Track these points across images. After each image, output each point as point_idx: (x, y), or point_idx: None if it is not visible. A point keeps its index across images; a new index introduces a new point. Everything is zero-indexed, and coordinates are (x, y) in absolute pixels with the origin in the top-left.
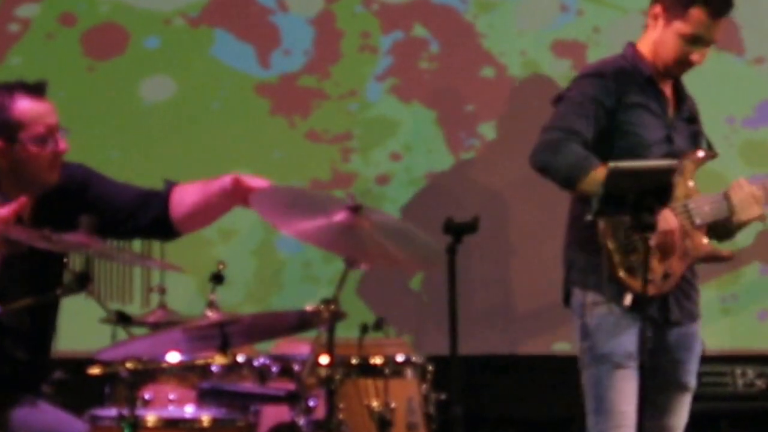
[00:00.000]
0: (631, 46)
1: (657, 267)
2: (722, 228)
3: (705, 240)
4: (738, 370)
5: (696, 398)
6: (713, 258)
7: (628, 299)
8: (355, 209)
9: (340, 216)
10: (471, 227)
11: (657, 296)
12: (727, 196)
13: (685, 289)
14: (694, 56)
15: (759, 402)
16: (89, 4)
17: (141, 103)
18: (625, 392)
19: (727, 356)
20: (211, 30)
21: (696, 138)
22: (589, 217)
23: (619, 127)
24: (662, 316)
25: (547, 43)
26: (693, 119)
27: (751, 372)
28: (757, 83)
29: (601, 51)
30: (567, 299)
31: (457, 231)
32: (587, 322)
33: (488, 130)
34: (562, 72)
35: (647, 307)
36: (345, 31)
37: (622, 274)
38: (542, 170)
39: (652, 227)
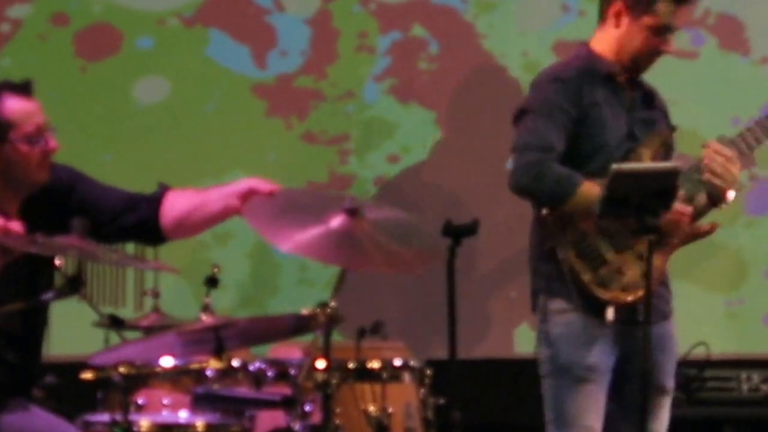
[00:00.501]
0: (584, 46)
1: (633, 270)
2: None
3: (682, 221)
4: (743, 375)
5: (701, 403)
6: (694, 237)
7: (610, 314)
8: (353, 212)
9: (337, 221)
10: (470, 230)
11: (640, 301)
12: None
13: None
14: (666, 46)
15: (764, 407)
16: (82, 4)
17: (135, 104)
18: (587, 406)
19: (732, 361)
20: (206, 30)
21: (654, 125)
22: (545, 211)
23: (583, 130)
24: (632, 317)
25: (548, 43)
26: (652, 106)
27: (756, 377)
28: (763, 83)
29: None
30: (534, 306)
31: (456, 233)
32: (549, 329)
33: (488, 132)
34: None
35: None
36: (342, 31)
37: (598, 291)
38: (525, 194)
39: (655, 230)
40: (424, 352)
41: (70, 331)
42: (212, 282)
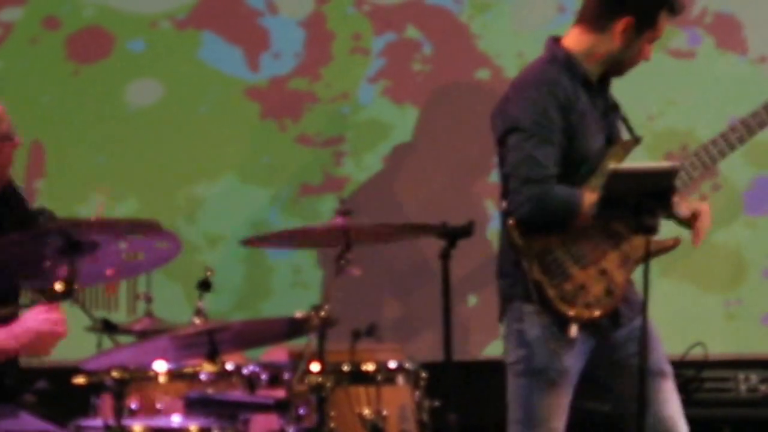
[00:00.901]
0: (559, 46)
1: (596, 286)
2: None
3: (640, 240)
4: (741, 375)
5: (699, 404)
6: (658, 252)
7: (573, 330)
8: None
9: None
10: (466, 231)
11: (604, 316)
12: None
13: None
14: (650, 53)
15: (763, 408)
16: (73, 7)
17: (127, 107)
18: (556, 408)
19: (731, 361)
20: (199, 32)
21: (625, 122)
22: (510, 222)
23: (570, 140)
24: (610, 324)
25: (544, 43)
26: (615, 110)
27: (754, 377)
28: (761, 82)
29: None
30: (503, 312)
31: (452, 235)
32: (526, 330)
33: (483, 133)
34: None
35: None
36: (336, 33)
37: (562, 307)
38: (531, 224)
39: (653, 230)
40: (420, 354)
41: None
42: (205, 285)
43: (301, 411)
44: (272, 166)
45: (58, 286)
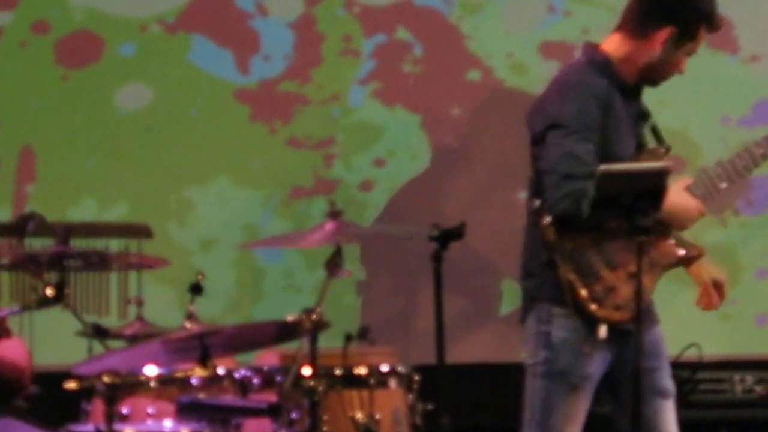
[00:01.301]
0: (598, 51)
1: (625, 289)
2: None
3: (674, 245)
4: (736, 377)
5: (694, 405)
6: (685, 261)
7: (602, 331)
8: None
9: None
10: (457, 233)
11: (632, 320)
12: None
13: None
14: (685, 67)
15: (758, 409)
16: (63, 11)
17: (117, 111)
18: (574, 414)
19: (726, 362)
20: (189, 36)
21: (654, 131)
22: (546, 220)
23: (604, 143)
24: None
25: (534, 44)
26: (645, 119)
27: (749, 378)
28: (752, 82)
29: None
30: (526, 313)
31: (443, 237)
32: (552, 332)
33: (474, 135)
34: (550, 74)
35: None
36: (326, 35)
37: (593, 307)
38: (569, 219)
39: (646, 231)
40: (412, 357)
41: (54, 341)
42: (196, 289)
43: (294, 415)
44: (263, 169)
45: (49, 291)
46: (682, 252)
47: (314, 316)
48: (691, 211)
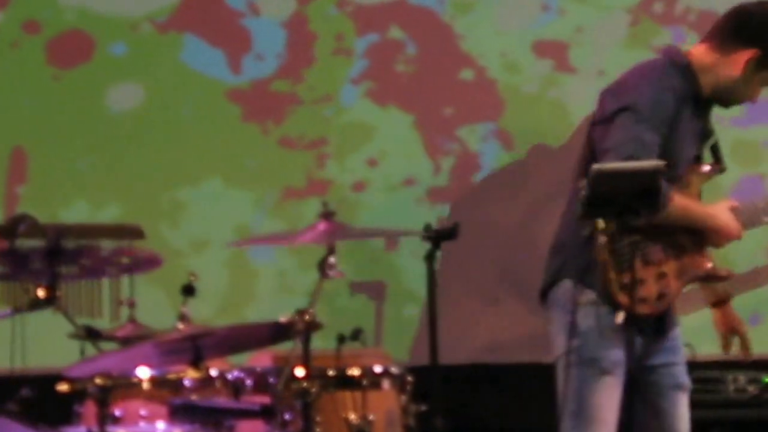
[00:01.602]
0: (682, 55)
1: (653, 286)
2: None
3: (706, 258)
4: (729, 376)
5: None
6: (711, 278)
7: (620, 317)
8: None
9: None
10: (450, 234)
11: (651, 316)
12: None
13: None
14: (757, 97)
15: (751, 408)
16: (54, 11)
17: (108, 111)
18: (609, 400)
19: (719, 362)
20: (180, 35)
21: (713, 149)
22: (584, 232)
23: (664, 143)
24: (658, 329)
25: (528, 43)
26: (710, 133)
27: (742, 378)
28: None
29: (585, 51)
30: (548, 288)
31: (436, 238)
32: (579, 320)
33: (468, 134)
34: (544, 73)
35: (639, 322)
36: (318, 34)
37: (616, 292)
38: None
39: (638, 230)
40: (406, 358)
41: (46, 343)
42: (189, 291)
43: (287, 416)
44: (255, 169)
45: (41, 293)
46: (710, 265)
47: (307, 317)
48: (731, 230)
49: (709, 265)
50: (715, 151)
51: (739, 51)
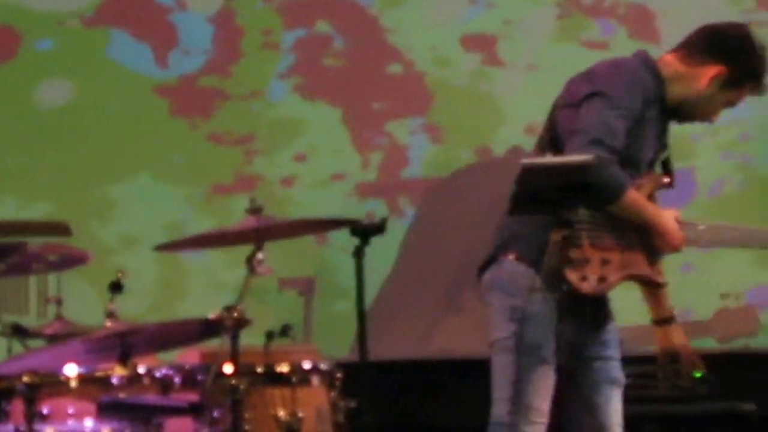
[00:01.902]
0: (653, 60)
1: (596, 268)
2: None
3: (649, 260)
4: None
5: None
6: (646, 281)
7: (564, 286)
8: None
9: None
10: (378, 229)
11: (589, 296)
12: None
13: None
14: (717, 117)
15: (683, 404)
16: None
17: (37, 107)
18: (545, 389)
19: (652, 357)
20: (107, 30)
21: (664, 163)
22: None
23: (632, 133)
24: (595, 321)
25: (456, 37)
26: (666, 145)
27: None
28: None
29: (514, 44)
30: (488, 264)
31: (365, 233)
32: (522, 305)
33: (397, 128)
34: (472, 66)
35: (577, 304)
36: (246, 29)
37: (562, 261)
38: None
39: (571, 224)
40: (337, 354)
41: None
42: (117, 287)
43: (216, 413)
44: (184, 165)
45: None
46: (647, 271)
47: (236, 314)
48: (676, 238)
49: (646, 269)
50: (667, 165)
51: (708, 66)
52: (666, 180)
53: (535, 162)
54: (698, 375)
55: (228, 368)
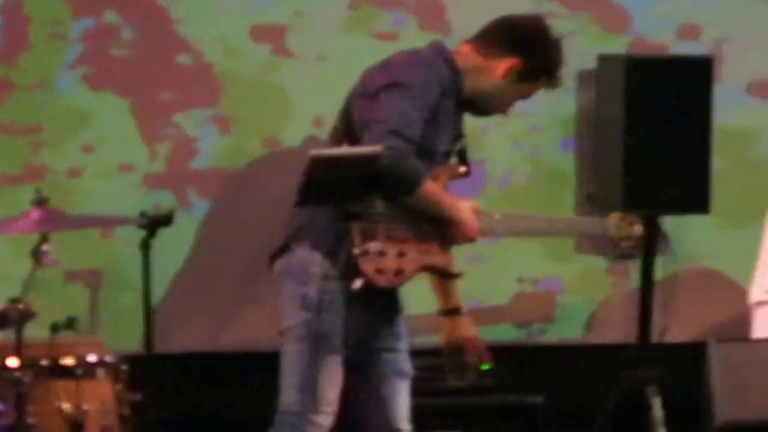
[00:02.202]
0: (449, 53)
1: (392, 261)
2: None
3: (444, 251)
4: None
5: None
6: (442, 272)
7: (358, 283)
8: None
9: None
10: (166, 220)
11: (386, 289)
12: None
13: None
14: (509, 110)
15: (471, 396)
16: None
17: None
18: (335, 379)
19: (439, 349)
20: None
21: (460, 153)
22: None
23: (428, 125)
24: (386, 312)
25: (246, 27)
26: (462, 135)
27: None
28: None
29: (303, 35)
30: (280, 253)
31: (151, 225)
32: (313, 294)
33: (185, 120)
34: (262, 57)
35: (371, 296)
36: (33, 18)
37: (359, 257)
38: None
39: (356, 216)
40: (124, 347)
41: None
42: None
43: (0, 407)
44: None
45: None
46: (443, 262)
47: (21, 306)
48: (471, 228)
49: (445, 258)
50: (463, 155)
51: (504, 58)
52: (462, 170)
53: (324, 153)
54: (485, 367)
55: (12, 361)
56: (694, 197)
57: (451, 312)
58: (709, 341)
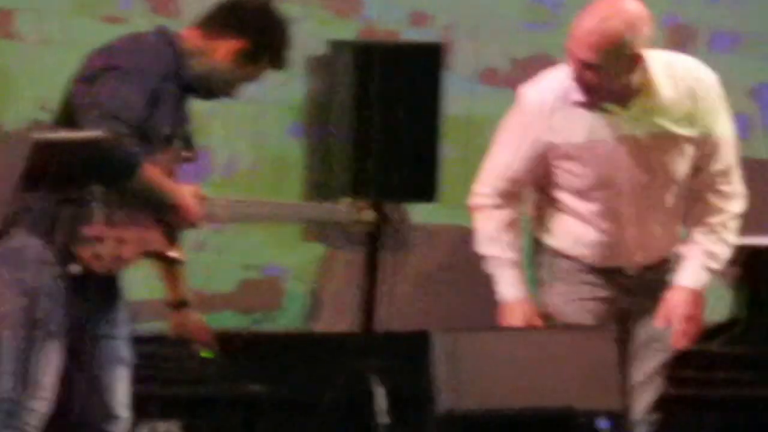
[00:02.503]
0: (172, 36)
1: (111, 247)
2: None
3: (165, 237)
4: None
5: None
6: (162, 258)
7: (75, 268)
8: None
9: None
10: None
11: (102, 275)
12: None
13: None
14: (235, 94)
15: (192, 385)
16: None
17: None
18: (51, 364)
19: (162, 336)
20: None
21: (186, 138)
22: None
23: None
24: (105, 297)
25: None
26: (186, 120)
27: (183, 353)
28: None
29: (29, 17)
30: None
31: None
32: (29, 279)
33: None
34: None
35: (89, 282)
36: None
37: (77, 243)
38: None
39: (80, 201)
40: None
41: None
42: None
43: None
44: None
45: None
46: (165, 248)
47: None
48: (193, 213)
49: (167, 244)
50: (188, 140)
51: (227, 39)
52: (187, 154)
53: (46, 137)
54: (208, 355)
55: None
56: (422, 185)
57: (178, 305)
58: (432, 331)
